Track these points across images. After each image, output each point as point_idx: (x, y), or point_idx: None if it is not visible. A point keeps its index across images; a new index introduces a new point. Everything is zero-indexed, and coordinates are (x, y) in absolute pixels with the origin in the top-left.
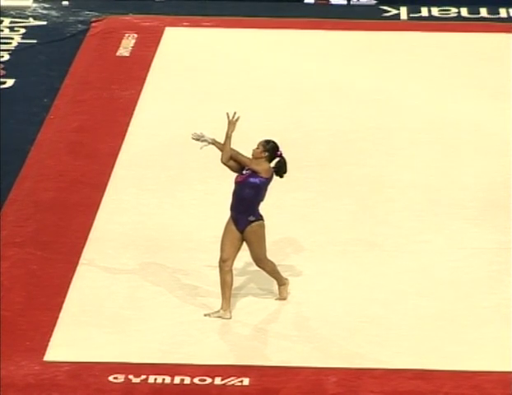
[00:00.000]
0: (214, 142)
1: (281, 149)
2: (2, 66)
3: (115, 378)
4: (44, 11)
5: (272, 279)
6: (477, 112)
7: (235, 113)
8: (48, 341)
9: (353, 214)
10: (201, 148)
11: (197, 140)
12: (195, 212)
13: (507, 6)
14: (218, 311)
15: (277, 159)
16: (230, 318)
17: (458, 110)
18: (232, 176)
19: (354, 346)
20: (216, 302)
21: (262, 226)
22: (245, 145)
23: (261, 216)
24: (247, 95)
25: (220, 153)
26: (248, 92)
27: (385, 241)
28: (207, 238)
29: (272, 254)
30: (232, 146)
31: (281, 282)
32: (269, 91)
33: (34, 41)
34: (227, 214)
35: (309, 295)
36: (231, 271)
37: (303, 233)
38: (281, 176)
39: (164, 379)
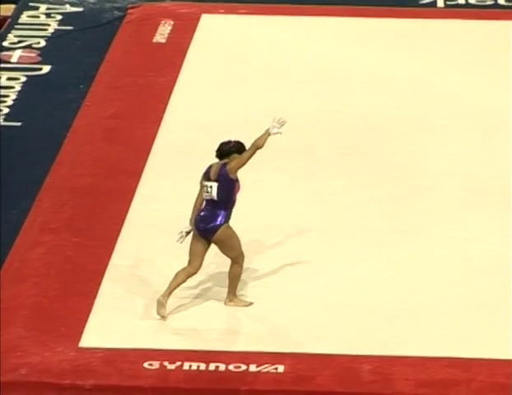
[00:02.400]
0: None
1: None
2: (38, 52)
3: (150, 364)
4: None
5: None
6: None
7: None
8: (84, 327)
9: (388, 202)
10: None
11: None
12: (239, 198)
13: None
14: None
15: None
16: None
17: (496, 98)
18: (268, 163)
19: (389, 333)
20: (251, 289)
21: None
22: (286, 132)
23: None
24: (283, 81)
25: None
26: (283, 79)
27: (420, 229)
28: (241, 226)
29: (306, 242)
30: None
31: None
32: (305, 78)
33: (71, 28)
34: (262, 202)
35: (343, 282)
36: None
37: (337, 221)
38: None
39: (199, 366)
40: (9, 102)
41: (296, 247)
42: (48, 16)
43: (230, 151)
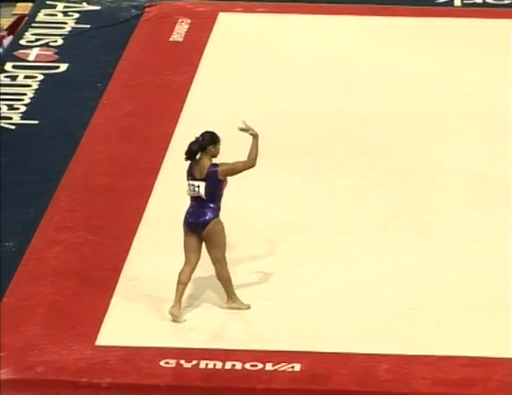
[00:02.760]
0: (256, 138)
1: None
2: (55, 51)
3: (166, 362)
4: None
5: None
6: None
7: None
8: (100, 325)
9: (404, 201)
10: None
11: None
12: (248, 197)
13: None
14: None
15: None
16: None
17: None
18: (278, 162)
19: (406, 332)
20: (265, 288)
21: None
22: (299, 130)
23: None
24: (300, 80)
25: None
26: (301, 78)
27: (436, 228)
28: (261, 223)
29: (321, 241)
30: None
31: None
32: (322, 77)
33: (88, 26)
34: (271, 200)
35: (360, 281)
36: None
37: (353, 220)
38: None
39: (215, 364)
40: (26, 100)
41: (310, 245)
42: (65, 14)
43: (202, 146)
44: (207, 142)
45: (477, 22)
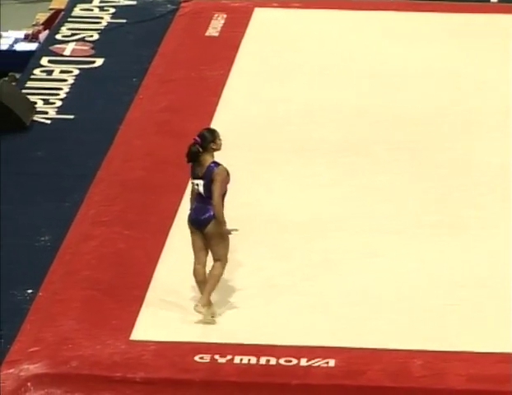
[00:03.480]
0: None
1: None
2: (91, 45)
3: (201, 357)
4: None
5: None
6: None
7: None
8: (135, 320)
9: (439, 197)
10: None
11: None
12: (281, 193)
13: None
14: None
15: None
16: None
17: None
18: (317, 158)
19: (440, 328)
20: (300, 283)
21: None
22: (335, 127)
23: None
24: (335, 76)
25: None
26: (335, 74)
27: (471, 224)
28: (294, 219)
29: (356, 237)
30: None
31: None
32: (357, 73)
33: (124, 21)
34: (315, 196)
35: (395, 277)
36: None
37: (388, 215)
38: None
39: (249, 360)
40: (62, 95)
41: (346, 241)
42: (101, 9)
43: (203, 147)
44: (207, 141)
45: None
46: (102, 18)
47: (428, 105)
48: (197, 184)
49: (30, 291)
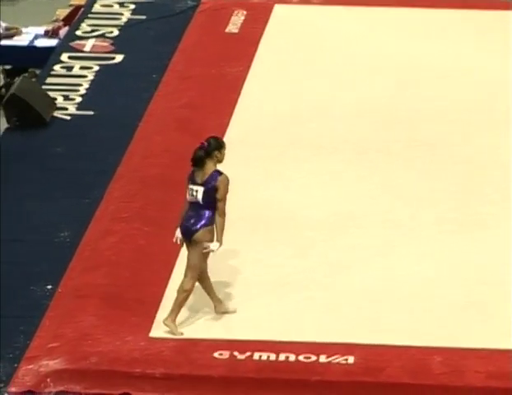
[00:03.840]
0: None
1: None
2: (111, 41)
3: (220, 354)
4: None
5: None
6: None
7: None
8: (154, 316)
9: (459, 194)
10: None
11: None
12: (300, 191)
13: None
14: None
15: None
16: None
17: None
18: (340, 155)
19: (459, 325)
20: (319, 280)
21: None
22: (354, 124)
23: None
24: (354, 73)
25: None
26: (355, 70)
27: (491, 221)
28: (312, 216)
29: (374, 234)
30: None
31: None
32: (375, 70)
33: (144, 17)
34: (333, 193)
35: (413, 274)
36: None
37: (409, 212)
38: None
39: (269, 356)
40: (82, 91)
41: (364, 238)
42: (121, 5)
43: (207, 152)
44: (212, 148)
45: None
46: (122, 14)
47: (446, 103)
48: (196, 191)
49: (49, 287)
